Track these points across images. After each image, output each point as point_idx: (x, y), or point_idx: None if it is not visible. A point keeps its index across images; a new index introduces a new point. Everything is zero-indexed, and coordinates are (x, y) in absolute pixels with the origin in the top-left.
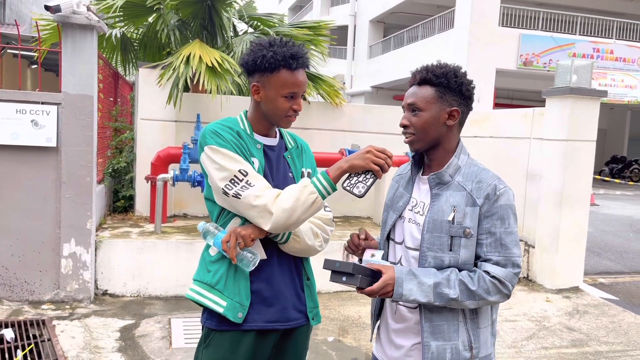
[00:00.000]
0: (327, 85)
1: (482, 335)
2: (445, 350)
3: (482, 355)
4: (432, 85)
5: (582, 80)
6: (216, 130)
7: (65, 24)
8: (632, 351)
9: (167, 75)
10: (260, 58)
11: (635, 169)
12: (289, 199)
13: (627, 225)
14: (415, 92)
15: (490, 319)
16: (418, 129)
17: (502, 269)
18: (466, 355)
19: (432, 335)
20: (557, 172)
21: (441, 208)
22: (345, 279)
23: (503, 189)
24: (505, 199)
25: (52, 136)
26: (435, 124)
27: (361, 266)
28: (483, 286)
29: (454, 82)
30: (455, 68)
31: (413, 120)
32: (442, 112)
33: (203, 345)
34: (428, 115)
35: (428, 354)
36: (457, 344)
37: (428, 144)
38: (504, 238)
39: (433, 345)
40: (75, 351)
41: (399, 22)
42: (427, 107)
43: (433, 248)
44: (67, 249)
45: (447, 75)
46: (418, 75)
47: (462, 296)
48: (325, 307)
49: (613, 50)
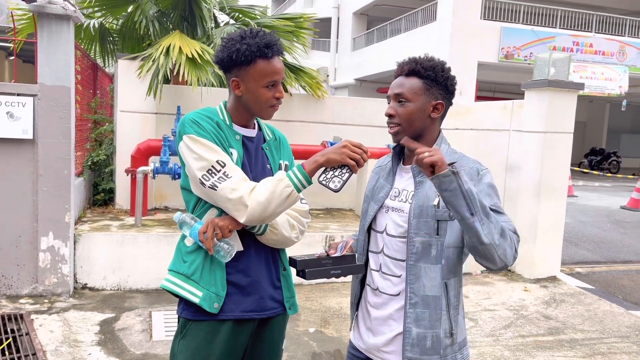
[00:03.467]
0: (309, 77)
1: (460, 320)
2: (425, 337)
3: (459, 340)
4: (420, 77)
5: (560, 73)
6: (196, 120)
7: (41, 13)
8: (607, 339)
9: (147, 67)
10: (235, 52)
11: (614, 161)
12: (264, 192)
13: (604, 216)
14: (403, 83)
15: (461, 302)
16: (404, 120)
17: (509, 230)
18: (447, 342)
19: (415, 322)
20: (535, 163)
21: (426, 194)
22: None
23: (484, 170)
24: (488, 178)
25: (29, 128)
26: (421, 116)
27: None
28: (503, 227)
29: (441, 76)
30: (442, 63)
31: (400, 110)
32: (428, 104)
33: (179, 336)
34: (414, 106)
35: (408, 339)
36: (439, 332)
37: (412, 135)
38: (496, 209)
39: (414, 332)
40: (54, 345)
41: (382, 15)
42: (414, 98)
43: (420, 233)
44: (45, 242)
45: (435, 69)
46: (406, 67)
47: (491, 218)
48: (306, 299)
49: (592, 44)
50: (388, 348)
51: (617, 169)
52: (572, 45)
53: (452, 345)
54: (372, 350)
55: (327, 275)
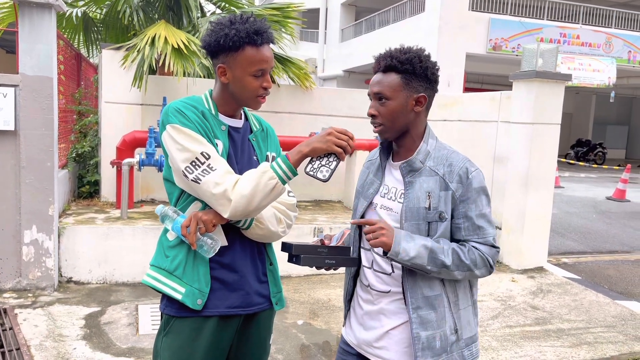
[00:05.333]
0: (297, 68)
1: (464, 316)
2: (434, 338)
3: (466, 337)
4: (398, 72)
5: (547, 64)
6: (180, 109)
7: (22, 2)
8: (593, 328)
9: (132, 57)
10: (223, 37)
11: (600, 152)
12: (248, 186)
13: (590, 207)
14: (381, 80)
15: (471, 299)
16: (387, 119)
17: (484, 246)
18: (452, 339)
19: (422, 326)
20: (523, 154)
21: (416, 195)
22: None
23: (474, 171)
24: (477, 182)
25: (10, 119)
26: (404, 112)
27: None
28: (472, 258)
29: (419, 67)
30: (419, 52)
31: (381, 109)
32: (410, 99)
33: (163, 333)
34: (395, 103)
35: (419, 344)
36: (445, 330)
37: (397, 132)
38: (479, 220)
39: (423, 336)
40: (39, 339)
41: (370, 6)
42: (394, 95)
43: None
44: (28, 235)
45: (412, 61)
46: (382, 62)
47: (453, 265)
48: (295, 291)
49: (579, 35)
50: (379, 343)
51: (603, 160)
52: (560, 36)
53: (457, 341)
54: (362, 346)
55: (322, 264)
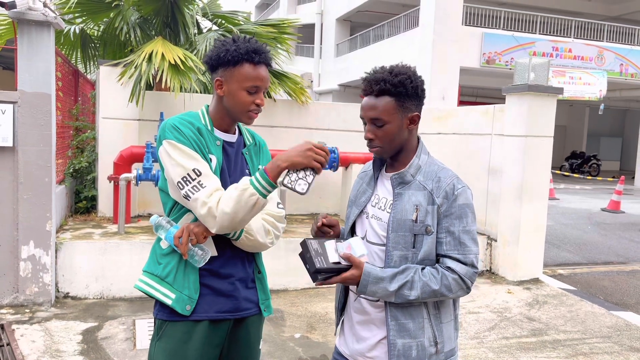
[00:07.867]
0: (293, 83)
1: (446, 330)
2: (411, 347)
3: (446, 350)
4: (391, 95)
5: (539, 77)
6: (176, 125)
7: (21, 20)
8: (588, 339)
9: (129, 73)
10: (224, 52)
11: (594, 164)
12: (230, 203)
13: (585, 218)
14: (376, 105)
15: (453, 314)
16: (384, 141)
17: (463, 265)
18: (431, 351)
19: (399, 333)
20: (516, 167)
21: (404, 207)
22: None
23: (461, 188)
24: (463, 199)
25: (8, 136)
26: (400, 133)
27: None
28: (445, 284)
29: (411, 88)
30: (409, 72)
31: (379, 133)
32: (404, 119)
33: (156, 338)
34: (392, 126)
35: (394, 351)
36: (423, 340)
37: (394, 151)
38: (462, 236)
39: (399, 343)
40: (36, 355)
41: (365, 21)
42: (390, 119)
43: (398, 247)
44: (25, 251)
45: (404, 84)
46: (375, 87)
47: (423, 296)
48: (292, 304)
49: (571, 49)
50: (371, 353)
51: (597, 172)
52: (552, 50)
53: (437, 354)
54: (355, 356)
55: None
